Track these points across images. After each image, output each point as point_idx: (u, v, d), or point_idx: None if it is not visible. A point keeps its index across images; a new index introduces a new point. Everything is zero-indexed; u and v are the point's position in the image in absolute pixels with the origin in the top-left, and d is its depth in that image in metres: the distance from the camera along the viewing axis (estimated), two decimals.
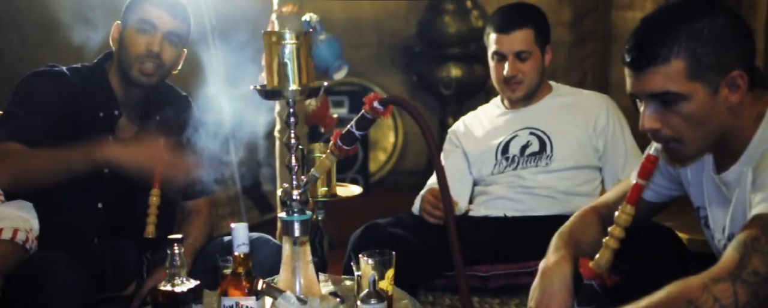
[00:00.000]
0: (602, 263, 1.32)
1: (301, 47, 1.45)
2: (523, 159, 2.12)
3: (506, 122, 2.19)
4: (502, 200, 2.11)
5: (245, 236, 1.35)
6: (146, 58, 1.82)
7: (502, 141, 2.16)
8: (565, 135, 2.12)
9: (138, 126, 1.91)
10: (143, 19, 1.83)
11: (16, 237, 1.55)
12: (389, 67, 4.76)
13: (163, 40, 1.84)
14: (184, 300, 1.33)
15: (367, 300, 1.35)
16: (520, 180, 2.11)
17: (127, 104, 1.89)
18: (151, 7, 1.85)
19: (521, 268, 1.90)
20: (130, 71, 1.83)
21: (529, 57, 2.11)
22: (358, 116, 1.48)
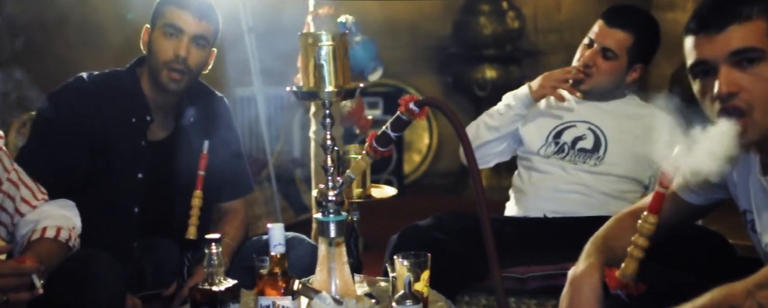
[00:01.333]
0: (628, 273, 1.31)
1: (338, 49, 1.45)
2: (572, 151, 2.11)
3: (569, 109, 2.17)
4: (541, 201, 2.09)
5: (281, 236, 1.36)
6: (173, 63, 1.81)
7: (559, 125, 2.15)
8: (623, 143, 2.10)
9: (171, 129, 1.93)
10: (169, 23, 1.82)
11: (59, 236, 1.58)
12: (424, 68, 4.76)
13: (189, 44, 1.82)
14: (222, 299, 1.35)
15: (403, 301, 1.35)
16: (562, 173, 2.09)
17: (159, 108, 1.89)
18: (177, 10, 1.83)
19: (559, 269, 1.88)
20: (159, 77, 1.84)
21: (613, 58, 2.09)
22: (394, 118, 1.48)
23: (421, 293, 1.42)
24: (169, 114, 1.92)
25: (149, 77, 1.87)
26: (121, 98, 1.86)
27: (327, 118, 1.48)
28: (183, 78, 1.83)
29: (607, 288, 1.33)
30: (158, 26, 1.84)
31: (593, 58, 2.09)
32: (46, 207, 1.64)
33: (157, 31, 1.84)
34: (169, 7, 1.84)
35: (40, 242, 1.55)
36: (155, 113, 1.89)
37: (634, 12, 2.17)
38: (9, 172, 1.61)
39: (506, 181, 4.09)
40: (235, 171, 2.00)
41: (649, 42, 2.14)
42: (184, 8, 1.83)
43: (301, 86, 1.49)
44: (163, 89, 1.84)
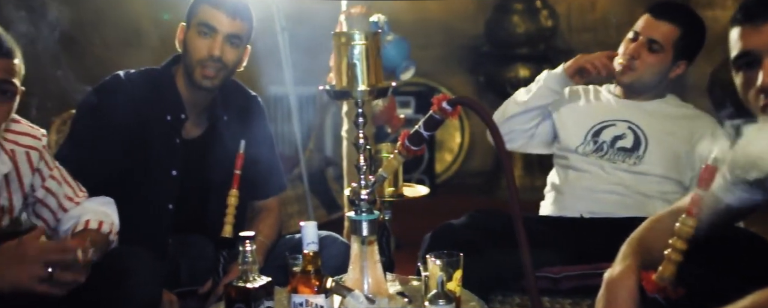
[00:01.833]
0: (665, 276, 1.28)
1: (370, 48, 1.46)
2: (611, 150, 2.09)
3: (609, 107, 2.15)
4: (578, 201, 2.07)
5: (314, 234, 1.37)
6: (207, 61, 1.83)
7: (598, 123, 2.13)
8: (664, 143, 2.07)
9: (205, 128, 1.94)
10: (203, 22, 1.83)
11: (101, 228, 1.62)
12: (456, 67, 4.74)
13: (223, 43, 1.83)
14: (256, 296, 1.36)
15: (435, 300, 1.35)
16: (601, 172, 2.07)
17: (194, 106, 1.91)
18: (211, 9, 1.84)
19: (594, 269, 1.85)
20: (193, 75, 1.85)
21: (659, 51, 2.07)
22: (426, 117, 1.48)
23: (453, 292, 1.42)
24: (203, 113, 1.94)
25: (184, 75, 1.89)
26: (156, 95, 1.88)
27: (359, 117, 1.49)
28: (217, 76, 1.85)
29: (644, 291, 1.31)
30: (193, 25, 1.86)
31: (638, 50, 2.08)
32: (87, 204, 1.67)
33: (192, 30, 1.86)
34: (203, 6, 1.85)
35: (84, 232, 1.59)
36: (189, 111, 1.90)
37: (682, 7, 2.16)
38: (52, 169, 1.64)
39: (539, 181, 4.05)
40: (269, 169, 2.01)
41: (695, 38, 2.11)
42: (218, 7, 1.83)
43: (334, 85, 1.49)
44: (198, 86, 1.86)
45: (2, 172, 1.53)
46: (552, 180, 2.20)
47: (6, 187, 1.56)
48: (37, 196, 1.62)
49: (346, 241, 1.86)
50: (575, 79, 2.13)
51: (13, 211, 1.58)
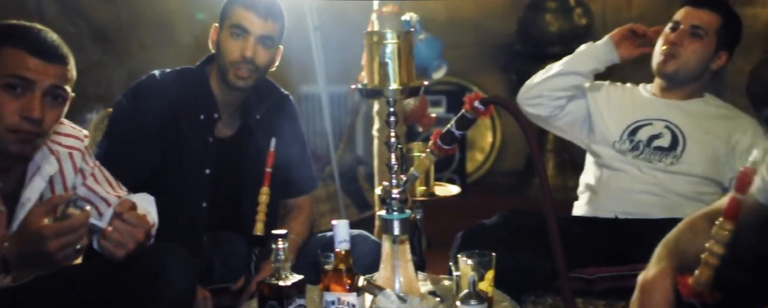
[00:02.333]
0: (702, 280, 1.26)
1: (402, 47, 1.46)
2: (648, 150, 2.06)
3: (646, 106, 2.12)
4: (613, 201, 2.04)
5: (346, 233, 1.38)
6: (240, 63, 1.83)
7: (634, 122, 2.10)
8: (702, 143, 2.04)
9: (237, 127, 1.95)
10: (236, 24, 1.84)
11: None
12: (488, 66, 4.72)
13: (256, 44, 1.83)
14: (288, 294, 1.37)
15: (467, 300, 1.34)
16: (636, 172, 2.04)
17: (227, 106, 1.92)
18: (243, 11, 1.84)
19: (628, 270, 1.83)
20: (227, 75, 1.86)
21: (703, 36, 2.05)
22: (458, 116, 1.47)
23: (485, 292, 1.41)
24: (236, 112, 1.95)
25: (217, 75, 1.90)
26: (190, 95, 1.89)
27: (391, 116, 1.49)
28: (250, 77, 1.86)
29: (680, 294, 1.29)
30: (226, 26, 1.87)
31: (681, 37, 2.06)
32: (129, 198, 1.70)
33: (225, 32, 1.86)
34: (235, 7, 1.86)
35: None
36: (223, 110, 1.92)
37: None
38: (93, 168, 1.68)
39: (571, 181, 4.01)
40: (301, 168, 2.02)
41: (735, 29, 2.09)
42: (249, 9, 1.84)
43: (366, 84, 1.50)
44: (231, 87, 1.87)
45: (49, 173, 1.57)
46: (586, 180, 2.17)
47: (51, 187, 1.59)
48: (79, 194, 1.66)
49: (377, 239, 1.86)
50: (622, 47, 2.08)
51: (56, 210, 1.61)
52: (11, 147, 1.44)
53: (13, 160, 1.51)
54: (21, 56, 1.42)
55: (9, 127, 1.42)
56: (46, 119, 1.44)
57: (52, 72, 1.44)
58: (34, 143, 1.48)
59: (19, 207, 1.52)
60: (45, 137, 1.50)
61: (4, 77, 1.42)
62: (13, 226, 1.51)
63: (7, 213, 1.51)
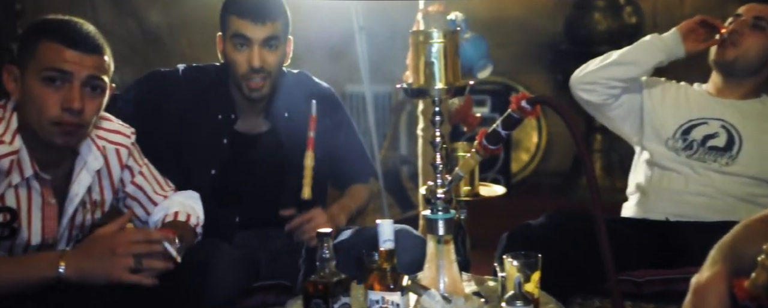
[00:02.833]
0: (759, 283, 1.21)
1: (448, 46, 1.45)
2: (702, 149, 2.01)
3: (702, 105, 2.07)
4: (664, 203, 2.00)
5: (390, 232, 1.38)
6: (250, 74, 1.80)
7: (689, 120, 2.05)
8: (760, 143, 1.98)
9: (268, 125, 1.92)
10: (236, 33, 1.80)
11: (189, 221, 1.68)
12: (534, 65, 4.66)
13: (261, 50, 1.79)
14: (333, 292, 1.38)
15: (513, 302, 1.33)
16: (690, 172, 1.99)
17: (247, 107, 1.88)
18: (239, 20, 1.79)
19: (680, 274, 1.78)
20: (241, 87, 1.83)
21: (765, 29, 2.01)
22: (505, 116, 1.46)
23: (531, 294, 1.39)
24: (262, 112, 1.92)
25: (233, 84, 1.87)
26: (209, 93, 1.87)
27: (436, 115, 1.49)
28: (264, 84, 1.83)
29: (735, 298, 1.25)
30: (228, 37, 1.83)
31: (742, 26, 2.02)
32: (175, 197, 1.74)
33: (228, 43, 1.83)
34: (231, 17, 1.81)
35: (173, 223, 1.65)
36: (244, 111, 1.89)
37: None
38: (141, 166, 1.72)
39: (619, 182, 3.94)
40: (349, 157, 1.98)
41: None
42: (245, 16, 1.79)
43: (411, 83, 1.50)
44: (248, 97, 1.85)
45: (95, 168, 1.61)
46: (636, 181, 2.13)
47: (98, 183, 1.63)
48: (128, 192, 1.70)
49: (421, 235, 1.84)
50: (688, 41, 2.02)
51: (104, 205, 1.66)
52: (56, 139, 1.47)
53: (61, 153, 1.55)
54: (57, 49, 1.45)
55: (51, 120, 1.46)
56: (86, 109, 1.47)
57: (88, 63, 1.47)
58: (78, 135, 1.51)
59: (67, 202, 1.57)
60: (87, 127, 1.52)
61: (42, 71, 1.45)
62: (62, 221, 1.56)
63: (57, 207, 1.56)
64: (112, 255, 1.41)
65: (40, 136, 1.47)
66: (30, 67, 1.46)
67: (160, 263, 1.47)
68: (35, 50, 1.46)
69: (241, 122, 1.93)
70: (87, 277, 1.41)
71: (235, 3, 1.83)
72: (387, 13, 3.56)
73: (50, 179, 1.53)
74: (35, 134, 1.48)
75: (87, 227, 1.63)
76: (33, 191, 1.50)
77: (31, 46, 1.47)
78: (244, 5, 1.81)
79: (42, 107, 1.45)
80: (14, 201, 1.48)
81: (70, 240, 1.61)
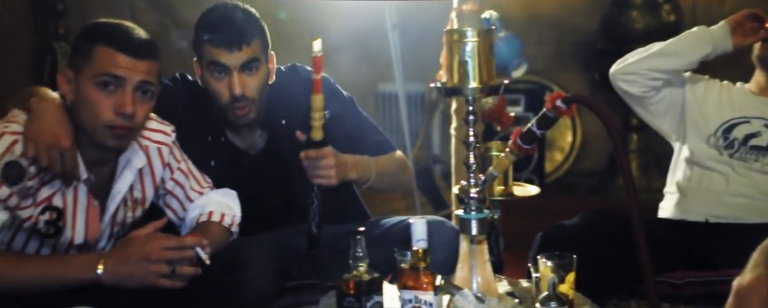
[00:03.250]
0: None
1: (482, 45, 1.45)
2: (744, 148, 1.97)
3: (744, 103, 2.03)
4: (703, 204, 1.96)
5: (424, 231, 1.38)
6: (233, 103, 1.73)
7: (730, 119, 2.00)
8: None
9: (266, 136, 1.86)
10: (211, 61, 1.72)
11: (223, 221, 1.70)
12: (569, 64, 4.61)
13: (240, 75, 1.72)
14: (367, 290, 1.38)
15: (547, 303, 1.32)
16: (731, 172, 1.95)
17: (239, 126, 1.81)
18: (213, 48, 1.70)
19: (720, 276, 1.75)
20: (227, 116, 1.77)
21: None
22: (540, 115, 1.45)
23: (566, 295, 1.38)
24: (256, 128, 1.85)
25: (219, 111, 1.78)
26: (201, 111, 1.79)
27: (470, 114, 1.48)
28: (250, 109, 1.76)
29: None
30: (204, 65, 1.76)
31: None
32: (211, 195, 1.76)
33: (205, 71, 1.75)
34: (205, 45, 1.74)
35: (207, 224, 1.67)
36: (233, 132, 1.83)
37: None
38: (179, 162, 1.74)
39: (657, 182, 3.87)
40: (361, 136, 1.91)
41: None
42: (218, 44, 1.71)
43: (445, 82, 1.49)
44: (236, 124, 1.80)
45: (138, 166, 1.64)
46: (675, 181, 2.09)
47: (140, 181, 1.66)
48: (167, 188, 1.72)
49: (454, 227, 1.79)
50: (736, 35, 1.97)
51: (145, 203, 1.69)
52: (108, 142, 1.51)
53: (108, 154, 1.58)
54: (112, 54, 1.48)
55: (105, 123, 1.49)
56: (137, 113, 1.50)
57: (141, 68, 1.49)
58: (129, 138, 1.55)
59: (109, 199, 1.60)
60: (138, 130, 1.57)
61: (97, 76, 1.48)
62: (104, 219, 1.59)
63: (100, 207, 1.59)
64: (147, 262, 1.44)
65: (93, 138, 1.51)
66: (84, 71, 1.49)
67: (191, 269, 1.50)
68: (90, 55, 1.49)
69: (237, 138, 1.87)
70: (122, 281, 1.45)
71: (207, 29, 1.75)
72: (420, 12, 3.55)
73: (93, 180, 1.56)
74: (87, 136, 1.52)
75: (128, 224, 1.66)
76: (79, 192, 1.54)
77: (85, 51, 1.50)
78: (215, 32, 1.72)
79: (96, 111, 1.48)
80: (61, 201, 1.51)
81: (111, 237, 1.64)
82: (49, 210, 1.50)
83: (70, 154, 1.47)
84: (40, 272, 1.43)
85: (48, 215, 1.50)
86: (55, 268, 1.45)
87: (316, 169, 1.71)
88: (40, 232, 1.50)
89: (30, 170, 1.45)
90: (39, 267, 1.45)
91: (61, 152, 1.45)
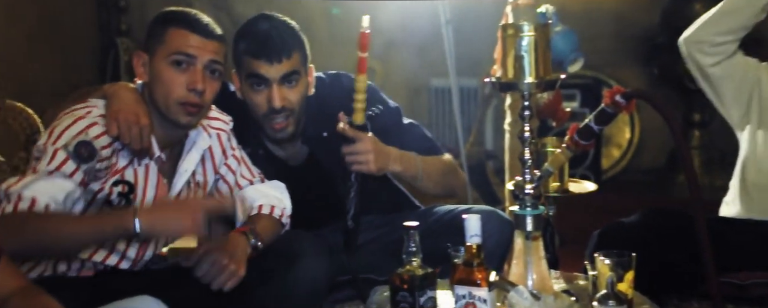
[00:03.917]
0: None
1: (539, 39, 1.44)
2: None
3: None
4: None
5: (478, 227, 1.37)
6: (271, 115, 1.72)
7: None
8: None
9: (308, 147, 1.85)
10: (251, 73, 1.72)
11: (272, 213, 1.73)
12: (626, 59, 4.51)
13: (280, 87, 1.70)
14: (420, 285, 1.38)
15: (605, 301, 1.29)
16: None
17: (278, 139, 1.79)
18: (253, 60, 1.70)
19: None
20: (265, 128, 1.75)
21: None
22: (598, 110, 1.42)
23: (625, 294, 1.35)
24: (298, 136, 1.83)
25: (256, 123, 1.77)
26: (240, 122, 1.78)
27: (525, 109, 1.47)
28: (288, 123, 1.74)
29: None
30: (243, 77, 1.75)
31: None
32: (261, 187, 1.79)
33: (244, 83, 1.75)
34: (244, 57, 1.73)
35: (257, 217, 1.71)
36: (272, 145, 1.82)
37: None
38: (234, 150, 1.79)
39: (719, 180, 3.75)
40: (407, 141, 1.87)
41: None
42: (259, 56, 1.70)
43: (499, 77, 1.48)
44: (274, 138, 1.78)
45: (203, 147, 1.70)
46: (740, 177, 2.01)
47: (202, 165, 1.73)
48: (221, 172, 1.78)
49: (507, 217, 1.77)
50: None
51: (206, 187, 1.75)
52: (181, 118, 1.59)
53: (179, 134, 1.66)
54: (184, 35, 1.58)
55: (177, 100, 1.58)
56: (206, 91, 1.59)
57: (210, 48, 1.59)
58: (199, 115, 1.63)
59: (176, 177, 1.67)
60: (206, 108, 1.64)
61: (171, 55, 1.58)
62: (171, 196, 1.65)
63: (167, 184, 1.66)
64: (185, 210, 1.45)
65: (166, 116, 1.60)
66: (158, 52, 1.59)
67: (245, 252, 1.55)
68: (164, 36, 1.59)
69: (278, 149, 1.86)
70: (158, 229, 1.45)
71: (247, 41, 1.74)
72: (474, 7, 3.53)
73: (164, 158, 1.64)
74: (159, 116, 1.61)
75: None
76: (150, 169, 1.62)
77: (160, 33, 1.60)
78: (256, 44, 1.72)
79: (169, 88, 1.57)
80: (132, 176, 1.60)
81: None
82: (121, 184, 1.58)
83: (147, 131, 1.57)
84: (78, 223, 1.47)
85: (120, 187, 1.58)
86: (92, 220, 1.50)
87: (354, 154, 1.70)
88: (112, 204, 1.58)
89: (101, 153, 1.53)
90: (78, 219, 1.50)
91: (139, 129, 1.55)
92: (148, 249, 1.65)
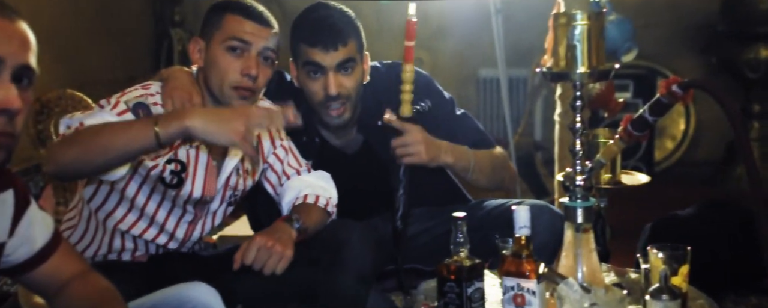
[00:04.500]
0: None
1: (592, 28, 1.41)
2: None
3: None
4: None
5: (527, 219, 1.35)
6: (327, 102, 1.74)
7: None
8: None
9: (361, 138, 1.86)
10: (307, 61, 1.73)
11: (317, 202, 1.74)
12: (683, 48, 4.38)
13: (336, 75, 1.72)
14: (468, 276, 1.38)
15: (658, 295, 1.27)
16: None
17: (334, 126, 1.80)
18: (309, 48, 1.71)
19: None
20: (322, 117, 1.77)
21: None
22: (653, 101, 1.39)
23: (679, 288, 1.32)
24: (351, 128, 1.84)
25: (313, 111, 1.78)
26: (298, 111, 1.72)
27: (577, 100, 1.44)
28: (344, 109, 1.76)
29: None
30: (300, 65, 1.76)
31: None
32: (307, 177, 1.80)
33: (301, 71, 1.76)
34: (301, 44, 1.74)
35: (303, 206, 1.72)
36: (327, 132, 1.83)
37: None
38: (282, 139, 1.81)
39: None
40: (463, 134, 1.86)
41: None
42: (315, 44, 1.71)
43: (551, 67, 1.46)
44: (329, 125, 1.79)
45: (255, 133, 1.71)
46: None
47: None
48: (269, 161, 1.80)
49: (558, 211, 1.74)
50: None
51: (254, 175, 1.77)
52: (233, 103, 1.62)
53: None
54: (240, 21, 1.62)
55: (232, 84, 1.61)
56: (259, 76, 1.62)
57: (264, 34, 1.62)
58: (252, 99, 1.66)
59: (226, 162, 1.69)
60: (259, 93, 1.67)
61: (227, 41, 1.62)
62: (220, 179, 1.68)
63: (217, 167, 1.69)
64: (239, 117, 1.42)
65: (220, 100, 1.64)
66: (215, 38, 1.63)
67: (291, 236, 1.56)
68: (221, 23, 1.63)
69: (333, 137, 1.87)
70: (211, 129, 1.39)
71: (303, 29, 1.76)
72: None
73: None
74: (214, 99, 1.65)
75: (239, 192, 1.75)
76: (201, 150, 1.66)
77: (216, 19, 1.64)
78: (313, 32, 1.73)
79: (225, 73, 1.61)
80: (185, 156, 1.64)
81: (223, 201, 1.73)
82: (174, 162, 1.62)
83: None
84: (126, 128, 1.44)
85: (173, 165, 1.62)
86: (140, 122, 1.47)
87: (404, 146, 1.69)
88: (164, 181, 1.62)
89: None
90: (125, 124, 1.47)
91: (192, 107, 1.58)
92: (195, 229, 1.69)
